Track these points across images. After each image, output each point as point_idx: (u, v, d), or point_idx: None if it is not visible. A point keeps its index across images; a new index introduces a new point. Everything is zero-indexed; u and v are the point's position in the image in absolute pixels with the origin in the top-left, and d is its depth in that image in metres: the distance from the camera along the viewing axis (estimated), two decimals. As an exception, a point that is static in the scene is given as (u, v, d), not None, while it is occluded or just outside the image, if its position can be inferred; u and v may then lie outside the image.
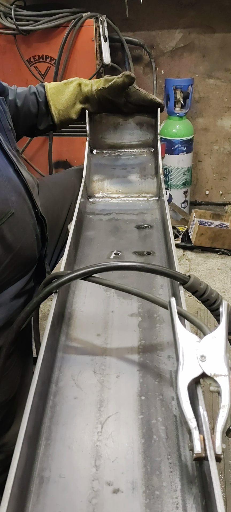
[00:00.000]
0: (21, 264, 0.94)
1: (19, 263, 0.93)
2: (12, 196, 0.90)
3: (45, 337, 0.57)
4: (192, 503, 0.44)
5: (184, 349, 0.50)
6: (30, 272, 0.99)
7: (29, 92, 1.16)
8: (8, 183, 0.89)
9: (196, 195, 3.14)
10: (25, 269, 0.97)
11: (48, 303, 1.62)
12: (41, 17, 2.40)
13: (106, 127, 1.23)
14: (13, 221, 0.89)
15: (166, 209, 0.96)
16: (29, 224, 0.96)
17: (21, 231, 0.92)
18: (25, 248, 0.94)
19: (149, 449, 0.49)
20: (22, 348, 1.01)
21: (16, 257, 0.91)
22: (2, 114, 0.95)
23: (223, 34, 2.73)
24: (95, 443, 0.50)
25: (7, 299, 0.92)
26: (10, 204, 0.88)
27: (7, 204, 0.87)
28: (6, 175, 0.89)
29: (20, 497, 0.42)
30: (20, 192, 0.94)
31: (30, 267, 0.99)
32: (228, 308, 0.56)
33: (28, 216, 0.96)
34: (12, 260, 0.90)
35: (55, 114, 1.17)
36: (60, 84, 1.17)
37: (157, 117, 1.19)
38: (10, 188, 0.89)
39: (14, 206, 0.89)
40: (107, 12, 2.50)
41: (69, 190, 1.28)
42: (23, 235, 0.93)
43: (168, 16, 2.73)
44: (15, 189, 0.92)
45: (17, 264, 0.92)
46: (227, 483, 1.22)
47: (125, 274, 0.80)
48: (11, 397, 0.96)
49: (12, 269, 0.91)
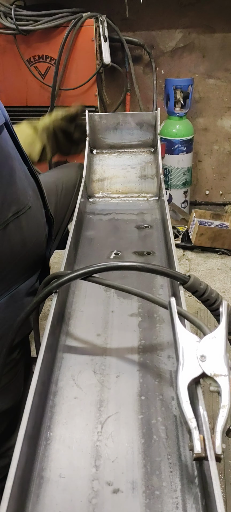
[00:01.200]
0: (33, 261, 0.95)
1: (31, 260, 0.94)
2: (29, 190, 0.91)
3: (45, 337, 0.57)
4: (192, 503, 0.44)
5: (184, 349, 0.50)
6: (37, 272, 1.00)
7: None
8: (25, 178, 0.91)
9: (196, 195, 3.13)
10: (34, 267, 0.97)
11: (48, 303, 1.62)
12: (41, 17, 2.40)
13: (106, 127, 1.23)
14: (30, 215, 0.90)
15: (166, 209, 0.96)
16: (41, 222, 0.97)
17: (36, 227, 0.94)
18: (37, 246, 0.95)
19: (149, 449, 0.49)
20: (26, 354, 1.02)
21: (30, 253, 0.92)
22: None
23: (223, 34, 2.73)
24: (95, 443, 0.50)
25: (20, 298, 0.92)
26: (28, 197, 0.90)
27: (25, 197, 0.89)
28: (23, 169, 0.90)
29: (20, 497, 0.42)
30: (34, 189, 0.95)
31: (38, 266, 1.00)
32: (228, 308, 0.56)
33: (41, 214, 0.97)
34: (26, 255, 0.91)
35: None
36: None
37: (157, 117, 1.19)
38: (27, 183, 0.91)
39: (31, 201, 0.91)
40: (107, 12, 2.49)
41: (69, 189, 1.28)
42: (37, 232, 0.95)
43: (168, 16, 2.73)
44: (30, 185, 0.93)
45: (29, 261, 0.93)
46: (227, 483, 1.22)
47: (125, 274, 0.80)
48: (17, 403, 0.97)
49: (25, 264, 0.92)
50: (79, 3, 2.47)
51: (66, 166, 1.42)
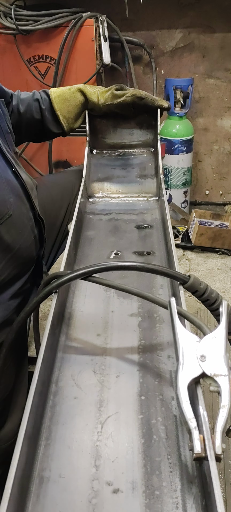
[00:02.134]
0: (19, 265, 0.95)
1: (17, 264, 0.94)
2: (11, 197, 0.91)
3: (45, 337, 0.57)
4: (192, 503, 0.44)
5: (184, 349, 0.50)
6: (28, 273, 1.00)
7: (33, 99, 1.16)
8: (7, 185, 0.90)
9: (196, 195, 3.13)
10: (23, 270, 0.97)
11: (48, 303, 1.62)
12: (41, 17, 2.40)
13: (106, 127, 1.23)
14: (11, 222, 0.90)
15: (166, 209, 0.96)
16: (27, 226, 0.97)
17: (19, 232, 0.93)
18: (23, 250, 0.95)
19: (149, 449, 0.49)
20: (17, 347, 1.02)
21: (14, 258, 0.92)
22: (1, 117, 0.96)
23: (223, 34, 2.73)
24: (95, 443, 0.50)
25: (4, 299, 0.92)
26: (8, 205, 0.89)
27: (5, 206, 0.88)
28: (4, 177, 0.90)
29: (20, 497, 0.42)
30: (19, 194, 0.94)
31: (28, 268, 1.00)
32: (228, 308, 0.56)
33: (26, 218, 0.97)
34: (10, 261, 0.91)
35: (64, 123, 1.19)
36: (65, 91, 1.18)
37: (157, 117, 1.19)
38: (8, 190, 0.90)
39: (12, 208, 0.90)
40: (107, 12, 2.49)
41: (68, 190, 1.28)
42: (21, 237, 0.94)
43: (168, 16, 2.73)
44: (14, 191, 0.92)
45: (15, 265, 0.93)
46: (227, 483, 1.22)
47: (125, 274, 0.80)
48: (6, 395, 0.97)
49: (10, 270, 0.92)
50: (79, 3, 2.47)
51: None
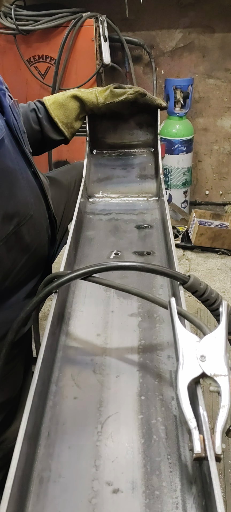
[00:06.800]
0: (35, 264, 0.96)
1: (33, 264, 0.94)
2: (31, 198, 0.91)
3: (45, 337, 0.57)
4: (192, 503, 0.44)
5: (184, 349, 0.50)
6: (40, 273, 1.01)
7: (29, 109, 1.14)
8: (28, 185, 0.91)
9: (196, 195, 3.14)
10: (36, 269, 0.98)
11: (48, 303, 1.62)
12: (41, 17, 2.40)
13: (106, 127, 1.23)
14: (31, 222, 0.90)
15: (166, 209, 0.96)
16: (44, 226, 0.98)
17: (37, 232, 0.94)
18: (39, 249, 0.96)
19: (149, 449, 0.49)
20: (24, 349, 1.02)
21: (31, 258, 0.93)
22: (18, 116, 0.95)
23: (223, 34, 2.73)
24: (95, 443, 0.50)
25: (20, 298, 0.93)
26: (29, 206, 0.90)
27: (27, 206, 0.89)
28: (25, 177, 0.90)
29: (20, 497, 0.42)
30: (37, 194, 0.95)
31: (40, 268, 1.01)
32: (228, 308, 0.56)
33: (44, 218, 0.98)
34: (27, 260, 0.92)
35: (64, 128, 1.16)
36: (60, 97, 1.15)
37: (157, 117, 1.19)
38: (29, 191, 0.91)
39: (33, 208, 0.91)
40: (107, 12, 2.50)
41: (65, 188, 1.28)
42: (39, 236, 0.95)
43: (168, 16, 2.73)
44: (33, 191, 0.93)
45: (31, 265, 0.94)
46: (227, 483, 1.22)
47: (125, 274, 0.80)
48: (14, 396, 0.97)
49: (26, 270, 0.92)
50: (79, 3, 2.47)
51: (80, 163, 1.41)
